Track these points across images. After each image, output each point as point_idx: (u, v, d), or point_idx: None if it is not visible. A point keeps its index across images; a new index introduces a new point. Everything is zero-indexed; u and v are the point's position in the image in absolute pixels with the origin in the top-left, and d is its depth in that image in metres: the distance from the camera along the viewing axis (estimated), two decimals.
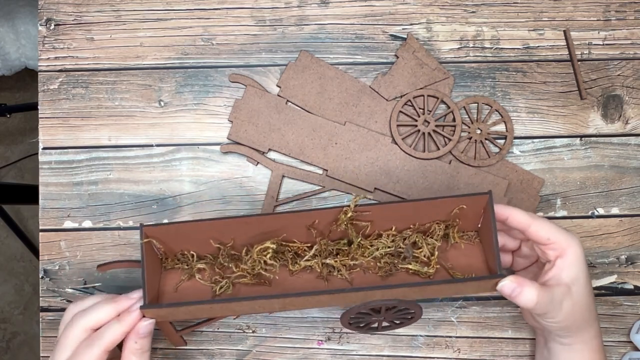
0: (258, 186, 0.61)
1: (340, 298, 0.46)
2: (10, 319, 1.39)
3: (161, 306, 0.47)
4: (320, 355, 0.60)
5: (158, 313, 0.47)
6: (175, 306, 0.46)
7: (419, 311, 0.49)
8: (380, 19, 0.62)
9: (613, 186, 0.61)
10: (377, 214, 0.51)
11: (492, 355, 0.60)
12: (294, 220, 0.50)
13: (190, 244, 0.51)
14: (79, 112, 0.61)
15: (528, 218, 0.49)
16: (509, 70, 0.62)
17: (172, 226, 0.49)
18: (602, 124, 0.62)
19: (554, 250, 0.49)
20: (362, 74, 0.62)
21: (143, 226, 0.48)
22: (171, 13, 0.62)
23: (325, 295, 0.46)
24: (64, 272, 0.60)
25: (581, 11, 0.63)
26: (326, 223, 0.51)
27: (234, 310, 0.48)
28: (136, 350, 0.48)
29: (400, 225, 0.52)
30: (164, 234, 0.50)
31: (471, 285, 0.47)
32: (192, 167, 0.61)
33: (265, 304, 0.47)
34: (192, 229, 0.50)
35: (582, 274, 0.49)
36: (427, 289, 0.47)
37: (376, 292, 0.45)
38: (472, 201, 0.50)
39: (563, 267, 0.49)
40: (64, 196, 0.61)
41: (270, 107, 0.61)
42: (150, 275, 0.49)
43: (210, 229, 0.50)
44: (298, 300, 0.46)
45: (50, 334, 0.60)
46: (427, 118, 0.61)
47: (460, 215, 0.51)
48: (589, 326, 0.51)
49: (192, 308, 0.46)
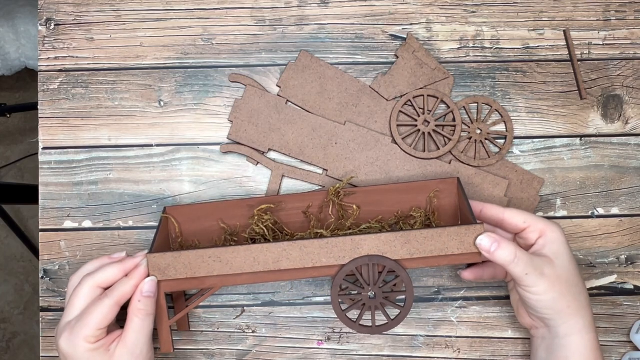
0: (258, 186, 0.61)
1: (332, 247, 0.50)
2: (10, 319, 1.39)
3: (165, 253, 0.50)
4: (320, 355, 0.60)
5: (162, 261, 0.51)
6: (178, 252, 0.50)
7: (408, 282, 0.50)
8: (380, 19, 0.62)
9: (613, 186, 0.61)
10: (362, 197, 0.57)
11: (492, 355, 0.60)
12: (290, 202, 0.58)
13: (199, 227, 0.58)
14: (79, 112, 0.61)
15: (500, 208, 0.53)
16: (509, 70, 0.62)
17: (187, 207, 0.58)
18: (602, 124, 0.62)
19: (533, 233, 0.51)
20: (362, 74, 0.62)
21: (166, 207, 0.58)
22: (171, 13, 0.62)
23: (318, 243, 0.50)
24: (64, 272, 0.60)
25: (581, 11, 0.63)
26: (320, 207, 0.58)
27: (232, 265, 0.50)
28: (139, 311, 0.50)
29: (384, 212, 0.58)
30: (180, 214, 0.58)
31: (451, 238, 0.49)
32: (192, 167, 0.61)
33: (260, 256, 0.50)
34: (201, 209, 0.58)
35: (565, 251, 0.51)
36: (408, 239, 0.49)
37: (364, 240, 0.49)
38: (444, 185, 0.57)
39: (544, 244, 0.51)
40: (64, 196, 0.61)
41: (270, 107, 0.61)
42: (159, 242, 0.54)
43: (216, 209, 0.58)
44: (293, 249, 0.50)
45: (50, 334, 0.60)
46: (427, 118, 0.61)
47: (439, 206, 0.57)
48: (583, 310, 0.51)
49: (192, 256, 0.50)
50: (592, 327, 0.51)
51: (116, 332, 0.51)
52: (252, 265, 0.50)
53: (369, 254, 0.50)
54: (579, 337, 0.50)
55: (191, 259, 0.50)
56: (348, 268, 0.50)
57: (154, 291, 0.50)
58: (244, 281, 0.51)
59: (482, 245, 0.48)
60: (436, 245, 0.49)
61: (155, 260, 0.51)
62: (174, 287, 0.51)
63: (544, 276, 0.49)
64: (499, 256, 0.48)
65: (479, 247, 0.49)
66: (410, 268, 0.50)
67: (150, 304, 0.50)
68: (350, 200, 0.58)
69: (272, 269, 0.50)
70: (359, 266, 0.50)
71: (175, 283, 0.51)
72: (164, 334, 0.53)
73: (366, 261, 0.50)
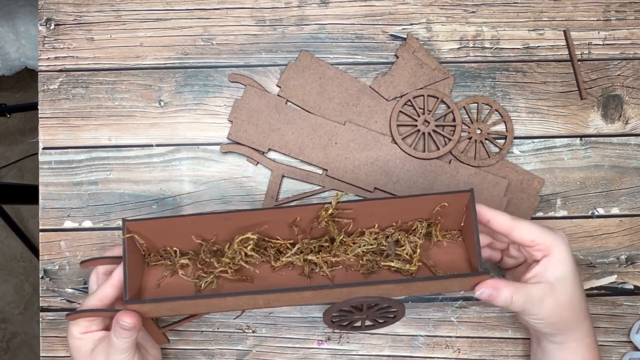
0: (258, 186, 0.61)
1: (324, 295, 0.46)
2: (10, 319, 1.39)
3: (144, 302, 0.46)
4: (320, 355, 0.60)
5: (141, 308, 0.47)
6: (159, 301, 0.46)
7: (401, 309, 0.50)
8: (380, 19, 0.62)
9: (613, 186, 0.61)
10: (359, 211, 0.50)
11: (492, 355, 0.60)
12: (275, 216, 0.50)
13: (173, 240, 0.51)
14: (79, 112, 0.61)
15: (510, 221, 0.49)
16: (509, 70, 0.62)
17: (155, 221, 0.48)
18: (602, 124, 0.62)
19: (540, 251, 0.49)
20: (362, 74, 0.62)
21: (126, 221, 0.48)
22: (171, 13, 0.62)
23: (308, 292, 0.46)
24: (64, 272, 0.60)
25: (581, 11, 0.63)
26: (308, 220, 0.51)
27: (218, 306, 0.48)
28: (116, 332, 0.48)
29: (383, 222, 0.52)
30: (147, 230, 0.49)
31: (452, 282, 0.47)
32: (192, 167, 0.61)
33: (249, 300, 0.47)
34: (174, 223, 0.49)
35: (569, 273, 0.49)
36: (409, 285, 0.47)
37: (359, 289, 0.46)
38: (454, 199, 0.50)
39: (548, 266, 0.49)
40: (64, 196, 0.61)
41: (270, 107, 0.61)
42: (132, 270, 0.48)
43: (193, 224, 0.50)
44: (282, 297, 0.46)
45: (50, 334, 0.60)
46: (427, 118, 0.61)
47: (442, 213, 0.51)
48: (580, 324, 0.51)
49: (175, 304, 0.46)
50: (590, 331, 0.51)
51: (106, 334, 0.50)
52: (241, 307, 0.49)
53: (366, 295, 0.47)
54: (577, 344, 0.51)
55: (174, 305, 0.46)
56: (342, 306, 0.48)
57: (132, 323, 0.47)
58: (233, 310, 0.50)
59: (482, 297, 0.48)
60: (437, 288, 0.49)
61: (134, 308, 0.47)
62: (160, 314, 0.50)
63: (543, 306, 0.48)
64: (497, 303, 0.48)
65: (478, 298, 0.48)
66: None
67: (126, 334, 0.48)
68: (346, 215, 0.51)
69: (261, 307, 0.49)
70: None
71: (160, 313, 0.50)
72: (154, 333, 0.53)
73: (362, 300, 0.47)
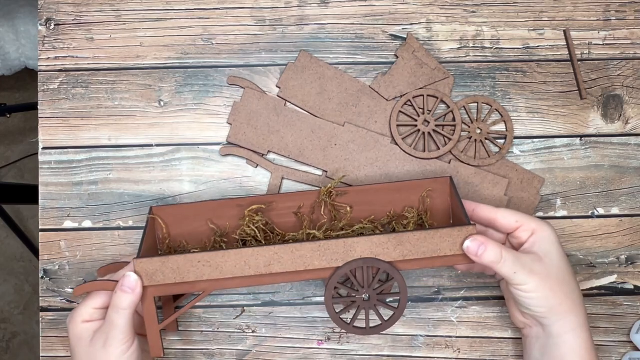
0: (258, 186, 0.61)
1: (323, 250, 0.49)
2: (10, 319, 1.39)
3: (152, 257, 0.49)
4: (320, 355, 0.60)
5: (149, 266, 0.49)
6: (165, 256, 0.49)
7: (402, 284, 0.50)
8: (380, 19, 0.62)
9: (613, 186, 0.61)
10: (355, 197, 0.57)
11: (492, 355, 0.60)
12: (282, 202, 0.57)
13: (187, 227, 0.57)
14: (79, 112, 0.61)
15: (493, 208, 0.53)
16: (509, 70, 0.62)
17: (175, 207, 0.56)
18: (602, 124, 0.62)
19: (525, 232, 0.52)
20: (362, 74, 0.62)
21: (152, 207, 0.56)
22: (171, 13, 0.62)
23: (308, 247, 0.49)
24: (64, 272, 0.60)
25: (581, 11, 0.63)
26: (312, 206, 0.57)
27: (221, 268, 0.49)
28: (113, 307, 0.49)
29: (377, 212, 0.57)
30: (166, 215, 0.56)
31: (443, 239, 0.49)
32: (192, 167, 0.61)
33: (251, 260, 0.49)
34: (189, 209, 0.56)
35: (555, 249, 0.51)
36: (401, 241, 0.49)
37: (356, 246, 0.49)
38: (437, 184, 0.56)
39: (535, 242, 0.51)
40: (64, 196, 0.61)
41: (269, 109, 0.61)
42: (147, 245, 0.53)
43: (208, 210, 0.56)
44: (283, 257, 0.49)
45: (50, 334, 0.60)
46: (427, 118, 0.61)
47: (432, 206, 0.57)
48: (577, 308, 0.50)
49: (181, 263, 0.49)
50: (586, 325, 0.51)
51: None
52: (243, 269, 0.50)
53: (363, 256, 0.49)
54: (574, 336, 0.50)
55: (180, 264, 0.49)
56: (342, 271, 0.50)
57: (132, 287, 0.49)
58: (235, 285, 0.50)
59: (469, 249, 0.49)
60: (429, 246, 0.50)
61: (143, 265, 0.49)
62: (163, 292, 0.50)
63: (533, 274, 0.49)
64: (485, 258, 0.48)
65: (466, 252, 0.49)
66: (404, 270, 0.50)
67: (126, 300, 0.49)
68: (343, 200, 0.57)
69: (263, 273, 0.50)
70: (353, 269, 0.50)
71: (164, 288, 0.50)
72: (153, 338, 0.51)
73: (360, 264, 0.49)
